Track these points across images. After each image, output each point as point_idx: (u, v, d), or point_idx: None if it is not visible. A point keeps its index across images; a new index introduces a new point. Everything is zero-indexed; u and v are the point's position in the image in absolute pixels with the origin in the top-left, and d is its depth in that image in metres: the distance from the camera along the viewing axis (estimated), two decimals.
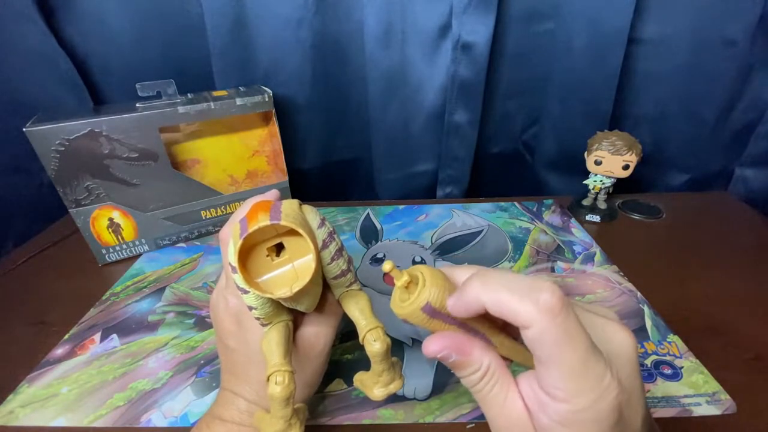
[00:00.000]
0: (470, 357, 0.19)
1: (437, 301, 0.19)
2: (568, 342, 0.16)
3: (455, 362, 0.19)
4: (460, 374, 0.20)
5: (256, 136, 0.54)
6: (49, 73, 0.50)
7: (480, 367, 0.19)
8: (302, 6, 0.49)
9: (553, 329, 0.16)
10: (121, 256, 0.48)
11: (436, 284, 0.19)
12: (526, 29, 0.53)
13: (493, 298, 0.18)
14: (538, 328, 0.16)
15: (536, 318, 0.16)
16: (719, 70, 0.52)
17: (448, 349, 0.19)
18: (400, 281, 0.20)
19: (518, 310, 0.17)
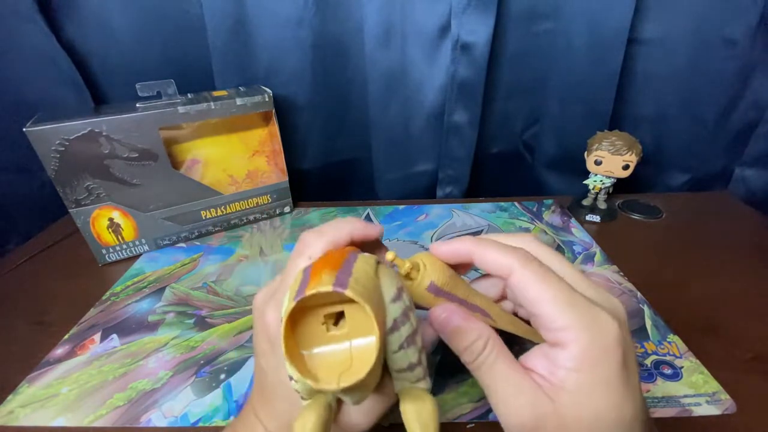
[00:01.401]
0: (472, 324, 0.20)
1: (440, 280, 0.21)
2: (546, 280, 0.19)
3: (458, 328, 0.20)
4: (461, 344, 0.20)
5: (256, 136, 0.54)
6: (49, 72, 0.50)
7: (480, 337, 0.20)
8: (302, 6, 0.49)
9: (529, 273, 0.19)
10: (121, 256, 0.48)
11: (437, 267, 0.21)
12: (526, 29, 0.53)
13: (480, 250, 0.21)
14: (517, 274, 0.19)
15: (515, 265, 0.19)
16: (719, 70, 0.52)
17: (452, 313, 0.20)
18: (403, 268, 0.21)
19: (499, 260, 0.20)
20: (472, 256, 0.21)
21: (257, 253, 0.49)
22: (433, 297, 0.21)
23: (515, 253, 0.20)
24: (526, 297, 0.19)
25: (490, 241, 0.22)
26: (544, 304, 0.19)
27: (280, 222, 0.55)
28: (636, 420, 0.18)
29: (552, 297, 0.19)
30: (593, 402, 0.18)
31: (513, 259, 0.20)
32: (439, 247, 0.22)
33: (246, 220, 0.54)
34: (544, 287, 0.19)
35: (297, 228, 0.54)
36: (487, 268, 0.21)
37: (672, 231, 0.52)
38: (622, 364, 0.18)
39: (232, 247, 0.50)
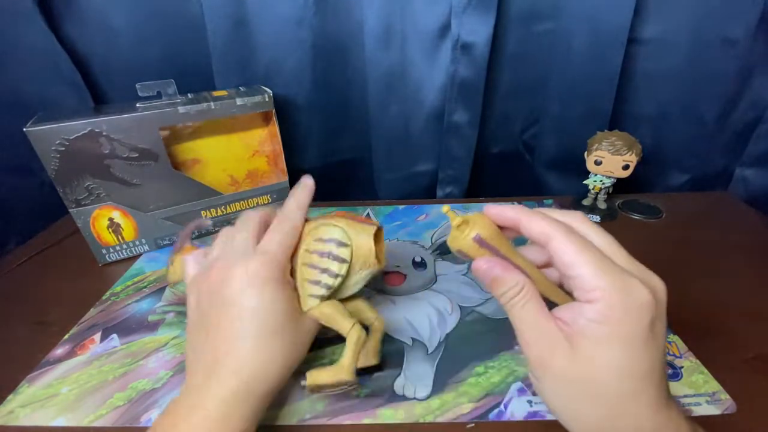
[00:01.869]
0: (511, 273, 0.23)
1: (486, 234, 0.24)
2: (584, 249, 0.21)
3: (497, 277, 0.23)
4: (499, 290, 0.23)
5: (256, 136, 0.54)
6: (49, 72, 0.50)
7: (517, 284, 0.23)
8: (302, 6, 0.49)
9: (568, 241, 0.21)
10: (121, 256, 0.48)
11: (485, 223, 0.24)
12: (526, 29, 0.53)
13: (527, 217, 0.23)
14: (556, 241, 0.21)
15: (556, 233, 0.22)
16: (719, 70, 0.52)
17: (494, 264, 0.23)
18: (455, 221, 0.25)
19: (542, 227, 0.22)
20: (519, 222, 0.24)
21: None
22: (477, 248, 0.24)
23: (559, 224, 0.22)
24: (563, 261, 0.21)
25: (538, 211, 0.24)
26: (579, 266, 0.20)
27: None
28: (647, 380, 0.20)
29: (587, 261, 0.20)
30: (608, 352, 0.20)
31: (555, 229, 0.22)
32: (491, 209, 0.25)
33: None
34: (580, 253, 0.21)
35: None
36: (530, 234, 0.23)
37: (672, 231, 0.52)
38: (647, 328, 0.20)
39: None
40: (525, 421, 0.29)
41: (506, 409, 0.30)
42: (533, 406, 0.30)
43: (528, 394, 0.31)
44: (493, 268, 0.23)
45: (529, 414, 0.30)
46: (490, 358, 0.34)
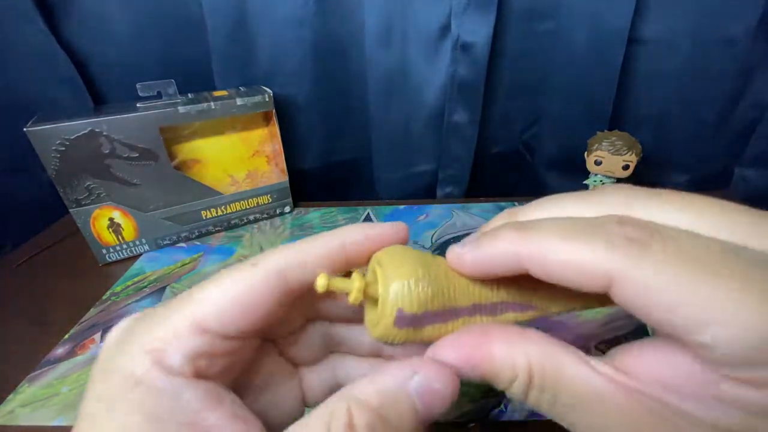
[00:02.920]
0: (492, 362, 0.13)
1: (412, 301, 0.14)
2: (680, 269, 0.10)
3: (478, 370, 0.14)
4: (499, 383, 0.14)
5: (256, 136, 0.54)
6: (49, 72, 0.50)
7: (514, 370, 0.13)
8: (302, 6, 0.49)
9: (648, 271, 0.10)
10: (121, 255, 0.48)
11: (401, 273, 0.14)
12: (526, 29, 0.53)
13: (539, 249, 0.12)
14: (627, 283, 0.10)
15: (616, 267, 0.11)
16: (720, 69, 0.52)
17: (456, 363, 0.14)
18: (352, 295, 0.14)
19: (583, 263, 0.11)
20: (524, 262, 0.13)
21: (257, 253, 0.49)
22: (414, 331, 0.14)
23: (607, 239, 0.11)
24: (651, 309, 0.11)
25: (551, 225, 0.13)
26: (682, 308, 0.10)
27: (280, 222, 0.55)
28: None
29: (695, 292, 0.10)
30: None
31: (609, 255, 0.11)
32: (462, 258, 0.14)
33: (246, 220, 0.54)
34: (677, 283, 0.10)
35: (297, 228, 0.54)
36: (560, 279, 0.12)
37: None
38: None
39: (233, 247, 0.50)
40: (525, 421, 0.29)
41: (506, 409, 0.30)
42: None
43: None
44: (457, 364, 0.14)
45: (529, 414, 0.30)
46: None
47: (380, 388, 0.13)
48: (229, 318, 0.15)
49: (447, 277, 0.15)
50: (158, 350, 0.14)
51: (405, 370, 0.14)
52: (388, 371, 0.14)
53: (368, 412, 0.13)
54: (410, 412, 0.13)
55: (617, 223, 0.12)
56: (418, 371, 0.14)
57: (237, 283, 0.15)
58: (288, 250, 0.17)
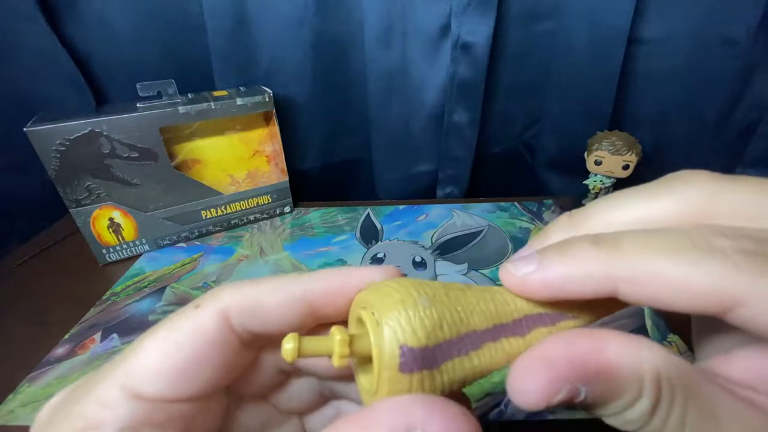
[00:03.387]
0: (611, 372, 0.10)
1: (416, 330, 0.10)
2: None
3: (592, 399, 0.10)
4: (606, 413, 0.10)
5: (256, 136, 0.54)
6: (51, 72, 0.50)
7: (641, 383, 0.10)
8: (302, 6, 0.49)
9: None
10: (121, 256, 0.48)
11: (394, 302, 0.11)
12: (526, 29, 0.52)
13: (642, 273, 0.10)
14: (752, 305, 0.09)
15: (740, 288, 0.09)
16: (720, 70, 0.52)
17: (562, 380, 0.10)
18: (335, 357, 0.11)
19: (703, 285, 0.09)
20: (618, 285, 0.11)
21: (257, 253, 0.49)
22: (429, 375, 0.11)
23: (722, 256, 0.10)
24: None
25: (642, 240, 0.11)
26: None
27: (281, 222, 0.55)
28: None
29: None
30: None
31: (731, 276, 0.09)
32: (528, 280, 0.12)
33: (246, 220, 0.54)
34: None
35: (297, 228, 0.54)
36: (667, 304, 0.10)
37: None
38: None
39: (233, 247, 0.50)
40: (525, 421, 0.29)
41: (506, 409, 0.30)
42: None
43: None
44: (563, 383, 0.10)
45: (529, 414, 0.30)
46: None
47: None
48: (165, 378, 0.12)
49: (449, 298, 0.12)
50: (88, 429, 0.12)
51: (401, 420, 0.10)
52: (378, 418, 0.10)
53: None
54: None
55: (722, 235, 0.10)
56: (418, 424, 0.09)
57: (173, 334, 0.13)
58: (240, 289, 0.14)
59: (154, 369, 0.12)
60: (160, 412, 0.12)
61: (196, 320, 0.13)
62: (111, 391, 0.12)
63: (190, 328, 0.13)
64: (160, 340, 0.13)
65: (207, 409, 0.14)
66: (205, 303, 0.14)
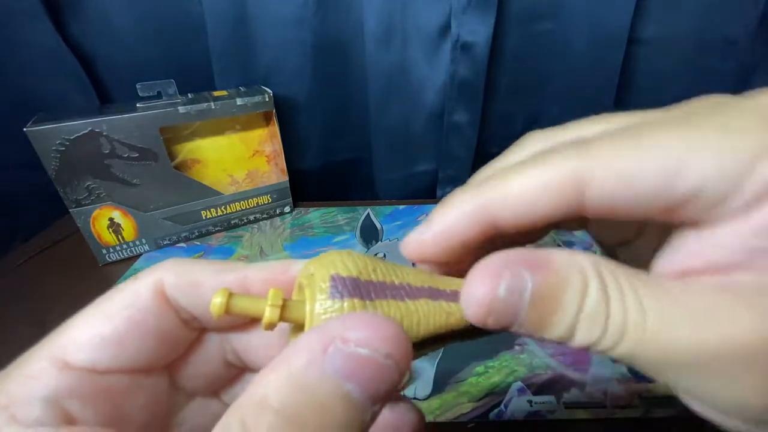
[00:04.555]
0: (554, 265, 0.11)
1: (347, 266, 0.11)
2: (641, 142, 0.11)
3: (541, 290, 0.10)
4: (566, 316, 0.10)
5: (256, 136, 0.54)
6: (55, 71, 0.50)
7: (584, 273, 0.11)
8: (302, 6, 0.49)
9: (612, 159, 0.11)
10: (121, 256, 0.48)
11: (331, 254, 0.12)
12: (526, 29, 0.52)
13: (504, 190, 0.11)
14: (595, 179, 0.11)
15: (580, 164, 0.11)
16: (720, 70, 0.52)
17: (509, 263, 0.11)
18: (266, 315, 0.11)
19: (545, 178, 0.11)
20: (492, 212, 0.12)
21: (257, 253, 0.49)
22: (360, 303, 0.11)
23: (563, 150, 0.11)
24: (627, 190, 0.11)
25: (504, 169, 0.12)
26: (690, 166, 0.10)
27: (280, 222, 0.55)
28: None
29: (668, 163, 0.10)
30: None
31: (567, 159, 0.11)
32: (421, 239, 0.13)
33: (246, 220, 0.54)
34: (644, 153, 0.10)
35: (297, 228, 0.54)
36: (526, 212, 0.11)
37: None
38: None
39: (233, 247, 0.50)
40: (525, 421, 0.29)
41: (506, 409, 0.30)
42: (533, 406, 0.30)
43: (528, 394, 0.31)
44: (521, 260, 0.11)
45: (530, 414, 0.30)
46: (490, 358, 0.34)
47: (283, 377, 0.09)
48: (95, 347, 0.12)
49: (386, 263, 0.12)
50: (10, 404, 0.11)
51: (315, 341, 0.10)
52: (292, 348, 0.10)
53: (270, 417, 0.09)
54: (337, 400, 0.09)
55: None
56: (335, 336, 0.09)
57: (105, 305, 0.13)
58: (179, 265, 0.14)
59: (84, 338, 0.12)
60: (89, 383, 0.12)
61: (131, 290, 0.13)
62: (39, 363, 0.12)
63: (125, 297, 0.13)
64: (92, 310, 0.13)
65: (144, 388, 0.14)
66: (143, 275, 0.14)
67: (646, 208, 0.11)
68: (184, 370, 0.15)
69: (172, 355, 0.14)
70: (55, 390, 0.12)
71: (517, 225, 0.12)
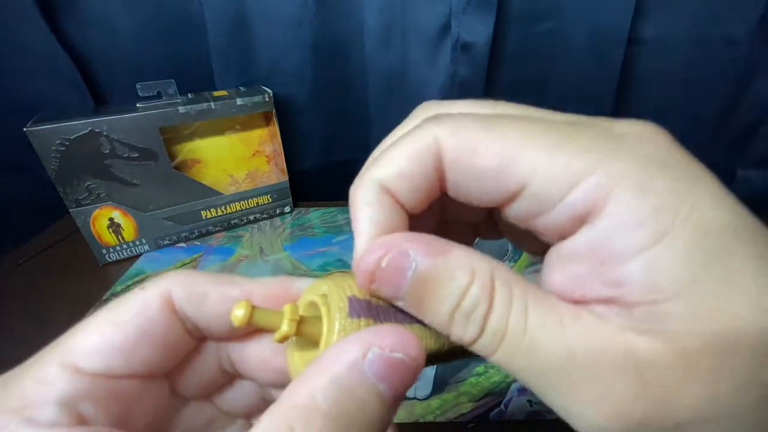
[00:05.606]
0: (448, 257, 0.11)
1: (363, 290, 0.13)
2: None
3: (424, 271, 0.11)
4: (446, 302, 0.11)
5: (256, 136, 0.54)
6: (51, 72, 0.50)
7: (473, 274, 0.11)
8: (302, 6, 0.49)
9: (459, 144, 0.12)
10: (121, 256, 0.48)
11: (343, 276, 0.13)
12: (526, 29, 0.52)
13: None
14: (449, 166, 0.12)
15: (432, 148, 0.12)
16: (720, 70, 0.52)
17: (395, 239, 0.12)
18: (283, 328, 0.12)
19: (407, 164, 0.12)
20: (391, 190, 0.13)
21: (257, 253, 0.49)
22: (373, 323, 0.12)
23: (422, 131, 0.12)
24: (474, 179, 0.12)
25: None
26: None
27: (281, 222, 0.55)
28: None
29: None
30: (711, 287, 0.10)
31: (426, 130, 0.12)
32: (362, 272, 0.12)
33: (246, 220, 0.54)
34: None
35: (297, 228, 0.54)
36: (409, 183, 0.13)
37: None
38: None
39: (233, 247, 0.50)
40: (525, 421, 0.29)
41: (506, 409, 0.30)
42: (533, 406, 0.30)
43: (528, 393, 0.31)
44: (420, 245, 0.12)
45: (529, 414, 0.30)
46: None
47: (326, 381, 0.10)
48: (107, 354, 0.13)
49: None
50: (26, 406, 0.11)
51: (354, 349, 0.11)
52: (332, 356, 0.11)
53: (319, 419, 0.10)
54: (374, 399, 0.11)
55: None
56: (372, 344, 0.11)
57: (116, 313, 0.13)
58: (186, 277, 0.15)
59: (96, 345, 0.13)
60: (101, 387, 0.13)
61: (140, 300, 0.14)
62: (50, 368, 0.12)
63: (134, 306, 0.14)
64: (102, 318, 0.13)
65: (148, 392, 0.14)
66: (150, 285, 0.14)
67: (487, 191, 0.12)
68: (182, 376, 0.16)
69: (174, 362, 0.15)
70: (70, 393, 0.12)
71: (410, 197, 0.13)
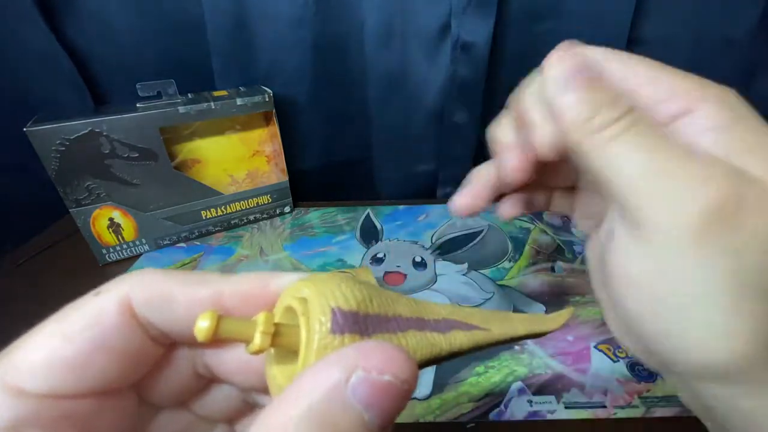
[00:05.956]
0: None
1: (348, 299, 0.11)
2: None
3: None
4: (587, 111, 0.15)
5: (256, 136, 0.54)
6: (50, 72, 0.50)
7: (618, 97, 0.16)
8: (302, 6, 0.49)
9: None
10: (121, 256, 0.48)
11: (328, 281, 0.11)
12: (527, 29, 0.52)
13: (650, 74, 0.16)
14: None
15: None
16: (720, 69, 0.52)
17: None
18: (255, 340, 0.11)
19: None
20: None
21: (257, 253, 0.49)
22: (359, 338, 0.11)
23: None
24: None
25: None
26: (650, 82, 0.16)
27: (280, 222, 0.55)
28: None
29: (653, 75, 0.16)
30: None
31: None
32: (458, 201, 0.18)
33: (246, 220, 0.54)
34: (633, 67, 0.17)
35: (297, 228, 0.54)
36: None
37: None
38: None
39: (233, 247, 0.50)
40: (525, 421, 0.29)
41: (506, 409, 0.30)
42: (533, 406, 0.30)
43: (528, 393, 0.31)
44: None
45: (529, 414, 0.30)
46: (490, 358, 0.34)
47: (304, 410, 0.09)
48: (54, 371, 0.11)
49: (377, 289, 0.12)
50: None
51: (335, 371, 0.09)
52: (310, 379, 0.10)
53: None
54: (359, 429, 0.09)
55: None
56: (356, 365, 0.10)
57: (63, 324, 0.12)
58: (147, 278, 0.13)
59: (40, 361, 0.11)
60: (49, 409, 0.11)
61: (94, 307, 0.12)
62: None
63: (86, 315, 0.12)
64: (49, 329, 0.12)
65: (110, 408, 0.12)
66: (106, 290, 0.12)
67: None
68: (152, 385, 0.14)
69: (139, 374, 0.13)
70: (11, 419, 0.11)
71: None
